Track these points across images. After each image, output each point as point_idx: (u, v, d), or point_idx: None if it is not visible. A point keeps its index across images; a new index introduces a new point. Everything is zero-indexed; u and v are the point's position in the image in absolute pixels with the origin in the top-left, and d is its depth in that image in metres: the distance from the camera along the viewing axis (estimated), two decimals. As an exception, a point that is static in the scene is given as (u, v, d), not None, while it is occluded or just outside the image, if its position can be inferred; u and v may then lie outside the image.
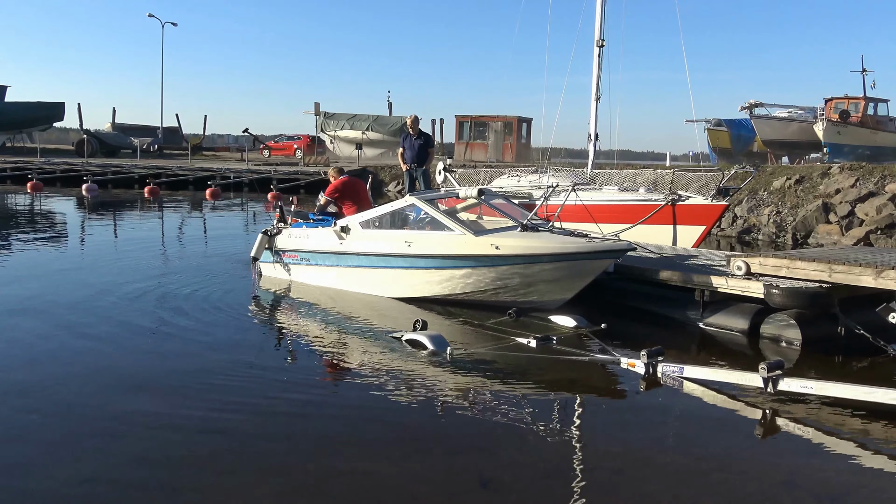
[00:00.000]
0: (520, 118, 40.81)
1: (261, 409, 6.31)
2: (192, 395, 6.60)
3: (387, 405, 6.55)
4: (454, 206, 11.39)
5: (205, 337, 8.60)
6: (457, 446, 5.74)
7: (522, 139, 41.94)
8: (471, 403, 6.66)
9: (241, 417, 6.11)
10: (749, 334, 9.17)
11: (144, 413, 6.11)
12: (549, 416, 6.41)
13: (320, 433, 5.89)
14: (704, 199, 13.89)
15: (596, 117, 17.27)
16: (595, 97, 17.13)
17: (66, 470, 5.09)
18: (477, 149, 40.29)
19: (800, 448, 5.94)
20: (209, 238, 19.22)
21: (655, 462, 5.51)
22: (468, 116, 41.26)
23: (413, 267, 10.32)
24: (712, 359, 8.40)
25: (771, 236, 20.04)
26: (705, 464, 5.52)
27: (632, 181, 16.08)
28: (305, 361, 8.02)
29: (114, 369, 7.29)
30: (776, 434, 6.31)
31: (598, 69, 16.97)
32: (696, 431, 6.28)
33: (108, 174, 34.36)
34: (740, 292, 9.33)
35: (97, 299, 10.29)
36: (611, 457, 5.61)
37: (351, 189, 12.44)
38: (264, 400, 6.56)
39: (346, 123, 47.67)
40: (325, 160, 39.54)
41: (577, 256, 9.49)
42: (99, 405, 6.32)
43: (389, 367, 7.60)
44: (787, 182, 21.54)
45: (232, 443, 5.63)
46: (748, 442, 6.07)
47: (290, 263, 11.96)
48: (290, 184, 31.32)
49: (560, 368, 7.61)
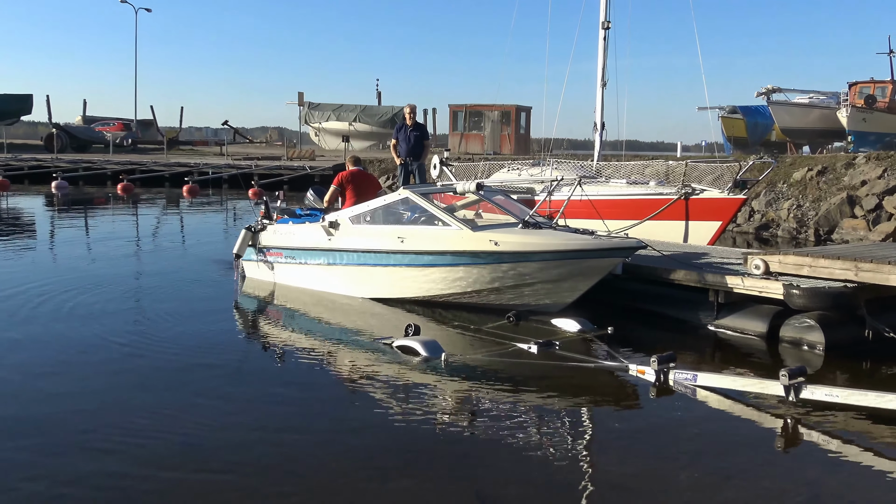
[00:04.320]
0: (518, 107, 40.80)
1: (240, 424, 6.25)
2: (170, 410, 6.53)
3: (376, 417, 6.49)
4: (451, 202, 11.36)
5: (183, 344, 8.53)
6: (452, 461, 5.70)
7: (521, 129, 41.94)
8: (467, 414, 6.62)
9: (220, 433, 6.06)
10: (768, 338, 9.14)
11: (115, 434, 6.04)
12: (552, 428, 6.36)
13: (304, 449, 5.84)
14: (720, 193, 13.85)
15: (602, 105, 17.24)
16: (601, 83, 17.11)
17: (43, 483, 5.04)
18: (472, 140, 40.27)
19: (824, 462, 5.90)
20: (187, 238, 19.16)
21: (667, 477, 5.47)
22: (463, 105, 41.22)
23: (406, 264, 10.29)
24: (728, 365, 8.37)
25: (791, 232, 20.01)
26: (721, 479, 5.48)
27: (640, 174, 16.05)
28: (288, 370, 7.96)
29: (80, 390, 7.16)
30: (798, 447, 6.27)
31: (604, 53, 16.95)
32: (712, 444, 6.23)
33: (78, 170, 34.26)
34: (758, 293, 9.29)
35: (64, 305, 10.21)
36: (619, 472, 5.57)
37: (359, 181, 12.17)
38: (244, 414, 6.50)
39: (332, 114, 47.68)
40: (311, 154, 39.46)
41: (582, 255, 9.46)
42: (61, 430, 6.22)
43: (379, 377, 7.55)
44: (808, 173, 21.51)
45: (210, 461, 5.57)
46: (768, 455, 6.03)
47: (275, 261, 11.92)
48: (273, 179, 31.27)
49: (564, 376, 7.57)
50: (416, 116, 15.75)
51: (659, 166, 16.47)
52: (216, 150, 45.92)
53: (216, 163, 35.92)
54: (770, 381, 6.91)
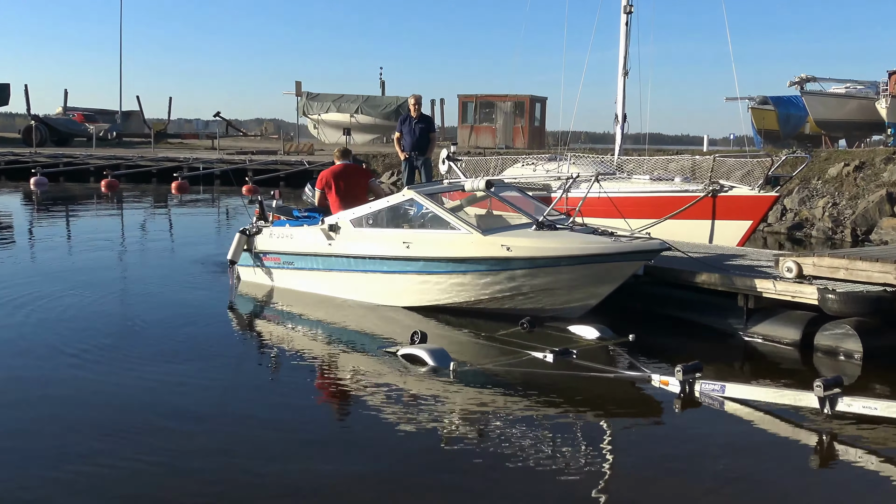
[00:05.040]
0: (533, 97, 40.77)
1: (235, 437, 6.28)
2: (160, 424, 6.57)
3: (380, 432, 6.51)
4: (459, 200, 11.36)
5: (174, 355, 8.55)
6: (461, 479, 5.71)
7: (536, 121, 41.92)
8: (477, 429, 6.63)
9: (213, 446, 6.09)
10: (801, 346, 9.12)
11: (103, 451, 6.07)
12: (568, 444, 6.36)
13: (301, 465, 5.86)
14: (749, 190, 13.84)
15: (624, 95, 17.22)
16: (622, 72, 17.08)
17: None
18: (483, 133, 40.26)
19: (862, 480, 5.89)
20: (176, 238, 19.21)
21: (693, 498, 5.47)
22: (473, 96, 41.22)
23: (412, 271, 10.29)
24: (758, 375, 8.36)
25: (826, 232, 19.97)
26: (751, 499, 5.47)
27: (664, 169, 16.03)
28: (287, 382, 7.99)
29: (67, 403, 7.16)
30: (834, 463, 6.27)
31: (626, 40, 16.92)
32: (741, 461, 6.23)
33: (59, 165, 34.38)
34: (791, 298, 9.28)
35: (44, 312, 10.25)
36: (640, 491, 5.57)
37: (344, 179, 11.92)
38: (239, 425, 6.53)
39: (332, 105, 47.75)
40: (309, 147, 39.53)
41: (601, 258, 9.46)
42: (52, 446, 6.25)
43: (382, 388, 7.56)
44: (844, 169, 21.47)
45: (203, 474, 5.59)
46: (802, 473, 6.03)
47: (272, 267, 11.95)
48: (268, 175, 31.32)
49: (581, 387, 7.57)
50: (421, 107, 15.73)
51: (684, 161, 16.46)
52: (207, 144, 46.02)
53: (207, 157, 35.99)
54: (804, 393, 6.89)
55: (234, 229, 12.24)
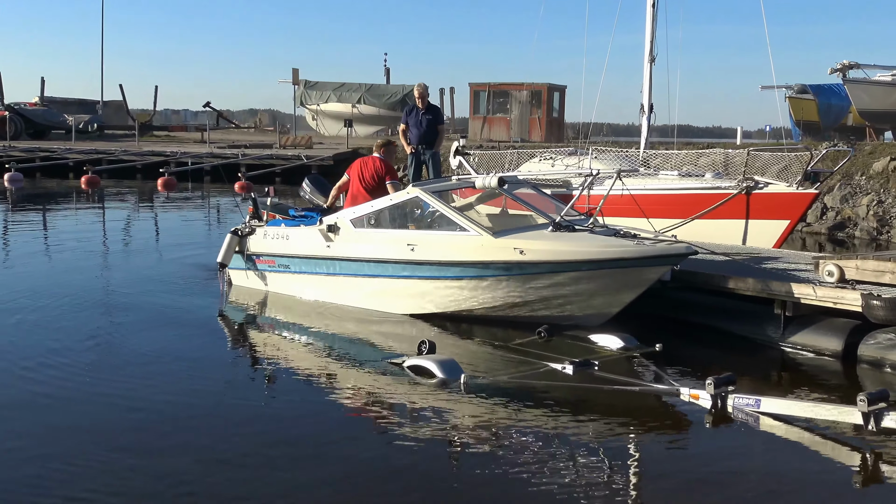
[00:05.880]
0: (551, 86, 40.78)
1: (226, 458, 6.31)
2: (145, 442, 6.60)
3: (384, 450, 6.53)
4: (470, 198, 11.36)
5: (160, 367, 8.59)
6: (473, 501, 5.71)
7: (554, 112, 41.92)
8: (490, 447, 6.63)
9: (202, 467, 6.11)
10: (843, 357, 9.11)
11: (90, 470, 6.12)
12: (590, 464, 6.37)
13: (299, 484, 5.88)
14: (787, 187, 13.82)
15: (650, 84, 17.22)
16: (648, 58, 17.09)
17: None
18: (497, 125, 40.28)
19: (910, 502, 5.90)
20: (162, 240, 19.23)
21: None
22: (485, 85, 41.25)
23: (417, 276, 10.30)
24: (796, 389, 8.35)
25: (871, 233, 19.94)
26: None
27: (694, 164, 16.03)
28: (283, 397, 8.01)
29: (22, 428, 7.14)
30: (880, 485, 6.26)
31: (653, 22, 16.93)
32: (777, 482, 6.23)
33: (35, 160, 34.51)
34: (832, 304, 9.27)
35: (18, 320, 10.31)
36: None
37: (364, 170, 11.86)
38: (230, 445, 6.56)
39: (332, 94, 47.85)
40: (307, 141, 39.62)
41: (623, 263, 9.45)
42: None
43: (387, 402, 7.58)
44: (891, 163, 21.42)
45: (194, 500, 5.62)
46: (844, 495, 6.03)
47: (266, 270, 11.97)
48: (263, 171, 31.38)
49: (604, 401, 7.59)
50: (428, 98, 15.75)
51: (716, 155, 16.42)
52: (196, 137, 46.12)
53: (196, 151, 36.08)
54: (846, 408, 6.89)
55: (225, 230, 12.23)
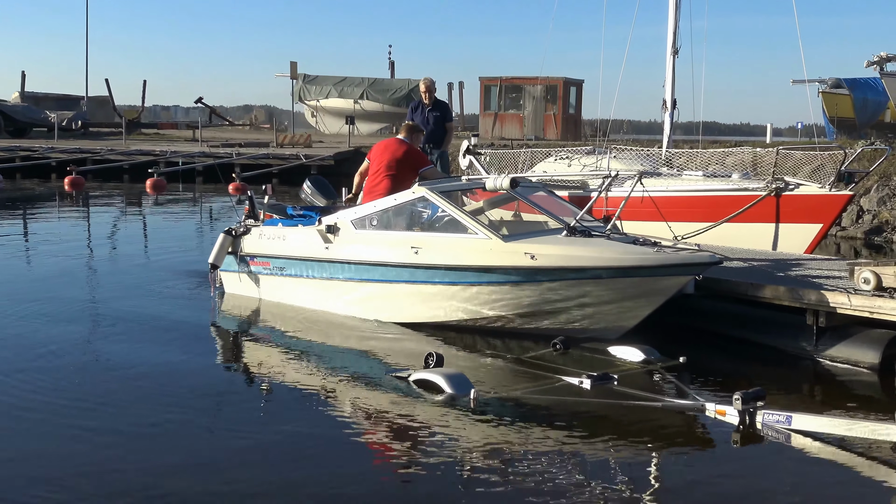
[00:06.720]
0: (567, 80, 40.82)
1: (218, 480, 6.33)
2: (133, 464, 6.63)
3: (388, 471, 6.55)
4: (479, 200, 11.37)
5: (146, 381, 8.62)
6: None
7: (570, 108, 41.96)
8: (502, 467, 6.63)
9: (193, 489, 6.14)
10: (881, 370, 9.11)
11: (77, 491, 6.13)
12: (609, 484, 6.38)
13: None
14: (820, 188, 13.82)
15: (673, 78, 17.23)
16: (671, 51, 17.09)
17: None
18: (509, 122, 40.34)
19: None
20: (151, 245, 19.26)
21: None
22: (497, 79, 41.30)
23: (422, 281, 10.30)
24: (830, 404, 8.35)
25: (911, 237, 19.91)
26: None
27: (721, 164, 16.03)
28: (278, 412, 8.03)
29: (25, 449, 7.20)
30: (919, 507, 6.27)
31: (676, 13, 16.94)
32: (811, 502, 6.24)
33: (15, 160, 34.63)
34: (868, 314, 9.27)
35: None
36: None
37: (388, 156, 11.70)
38: (224, 466, 6.59)
39: (333, 89, 47.98)
40: (306, 139, 39.71)
41: (641, 272, 9.44)
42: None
43: (392, 419, 7.59)
44: (932, 163, 21.39)
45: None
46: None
47: (260, 273, 11.99)
48: (259, 171, 31.43)
49: (624, 418, 7.60)
50: (435, 92, 15.76)
51: (744, 154, 16.44)
52: (188, 135, 46.19)
53: (188, 150, 36.15)
54: (883, 425, 6.90)
55: (218, 234, 12.19)
